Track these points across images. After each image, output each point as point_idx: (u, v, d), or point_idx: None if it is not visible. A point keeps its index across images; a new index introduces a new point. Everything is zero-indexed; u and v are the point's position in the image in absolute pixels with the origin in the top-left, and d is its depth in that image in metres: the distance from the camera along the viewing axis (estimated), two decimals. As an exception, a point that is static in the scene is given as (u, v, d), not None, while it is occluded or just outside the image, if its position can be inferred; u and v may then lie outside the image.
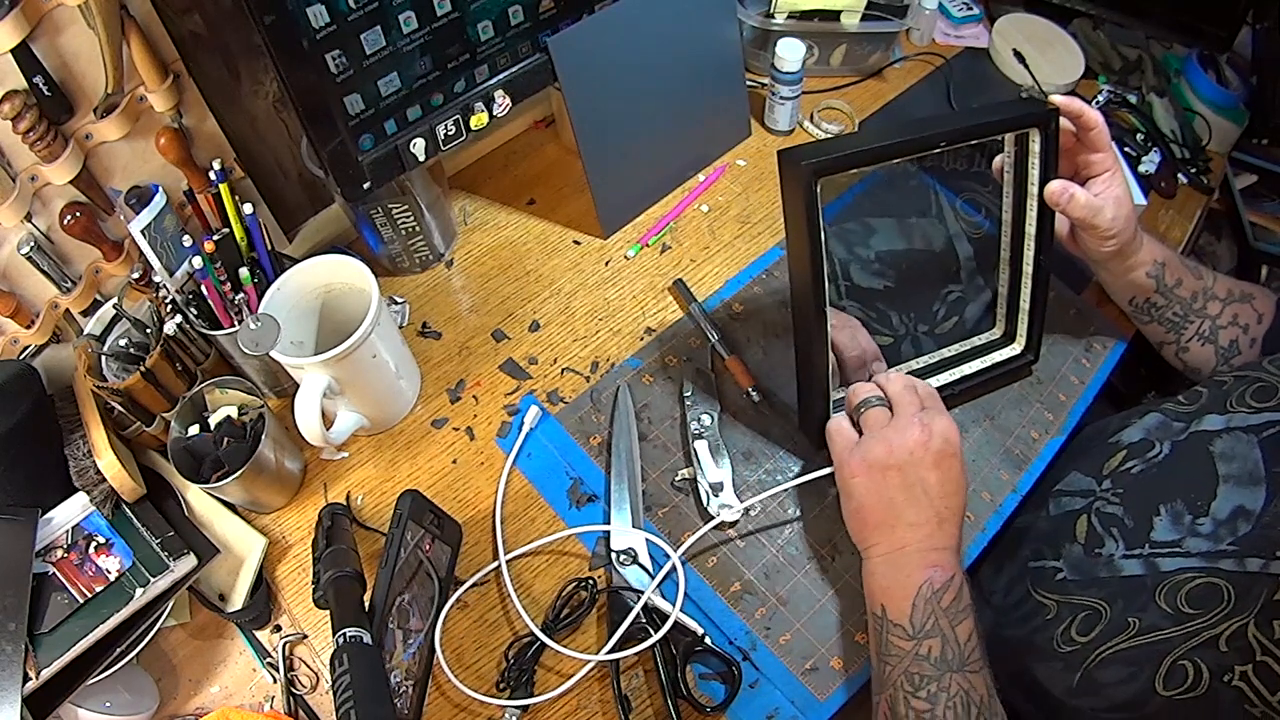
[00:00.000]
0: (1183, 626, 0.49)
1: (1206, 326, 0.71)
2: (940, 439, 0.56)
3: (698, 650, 0.59)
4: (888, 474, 0.56)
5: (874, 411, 0.59)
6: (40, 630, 0.55)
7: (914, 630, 0.52)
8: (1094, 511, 0.60)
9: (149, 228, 0.61)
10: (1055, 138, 0.63)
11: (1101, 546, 0.57)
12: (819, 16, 0.94)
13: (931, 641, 0.51)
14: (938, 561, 0.54)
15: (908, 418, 0.57)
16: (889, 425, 0.58)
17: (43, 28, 0.55)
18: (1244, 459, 0.54)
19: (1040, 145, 0.63)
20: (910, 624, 0.53)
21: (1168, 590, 0.52)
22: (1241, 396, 0.58)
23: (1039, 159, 0.64)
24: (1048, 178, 0.64)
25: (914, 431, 0.56)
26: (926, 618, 0.52)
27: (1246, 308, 0.71)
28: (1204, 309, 0.71)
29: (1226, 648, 0.47)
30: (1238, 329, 0.71)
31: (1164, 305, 0.71)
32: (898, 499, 0.56)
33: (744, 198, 0.88)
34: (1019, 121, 0.63)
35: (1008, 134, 0.65)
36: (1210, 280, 0.71)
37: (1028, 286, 0.70)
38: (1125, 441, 0.63)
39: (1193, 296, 0.71)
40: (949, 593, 0.53)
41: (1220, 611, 0.48)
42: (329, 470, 0.70)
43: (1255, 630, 0.46)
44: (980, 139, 0.63)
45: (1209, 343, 0.71)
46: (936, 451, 0.56)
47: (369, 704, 0.49)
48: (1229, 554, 0.50)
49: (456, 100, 0.68)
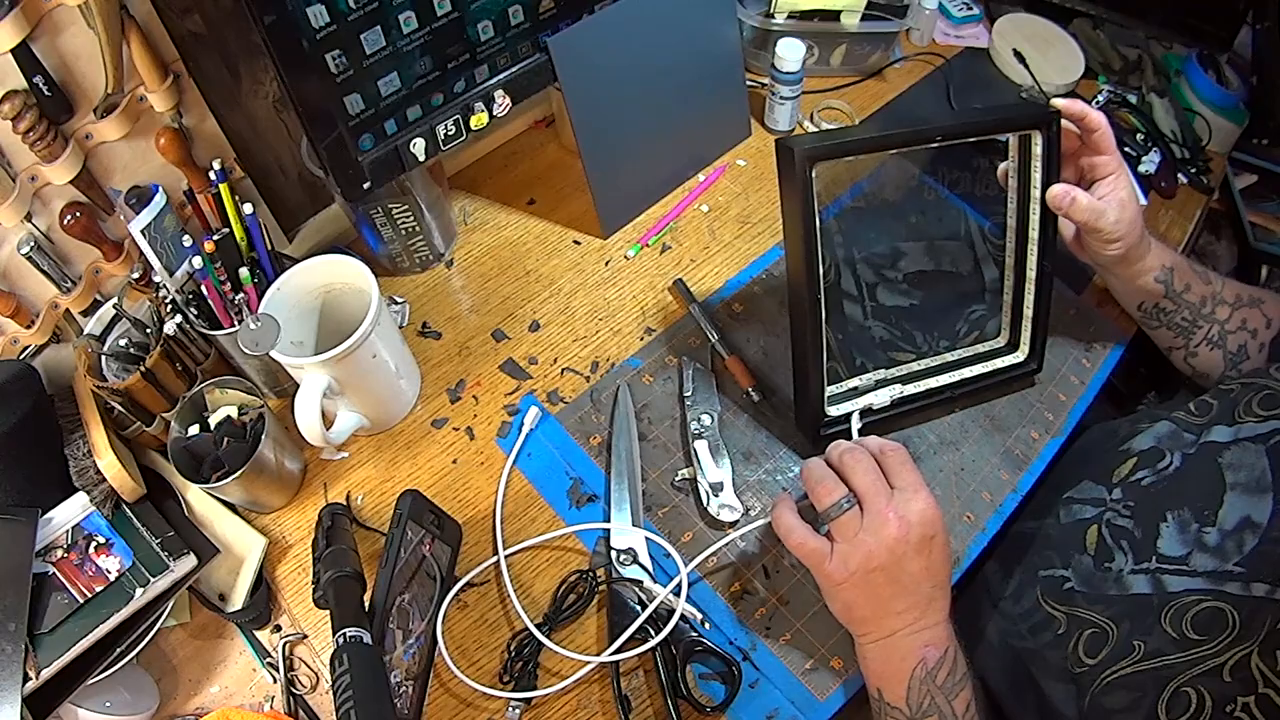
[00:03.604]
0: (1187, 653, 0.49)
1: (1215, 331, 0.71)
2: (919, 527, 0.52)
3: (698, 650, 0.59)
4: (871, 576, 0.53)
5: (844, 520, 0.54)
6: (40, 630, 0.55)
7: (911, 711, 0.52)
8: (1105, 523, 0.60)
9: (149, 228, 0.61)
10: (1057, 140, 0.63)
11: (1111, 560, 0.57)
12: (819, 16, 0.94)
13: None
14: (930, 640, 0.53)
15: (881, 515, 0.53)
16: (863, 529, 0.53)
17: (43, 28, 0.54)
18: (1251, 468, 0.54)
19: (1042, 148, 0.63)
20: (907, 706, 0.52)
21: (1174, 613, 0.51)
22: (1249, 405, 0.57)
23: (1041, 162, 0.64)
24: (1050, 181, 0.64)
25: (890, 529, 0.52)
26: (923, 698, 0.52)
27: (1255, 312, 0.71)
28: (1213, 314, 0.70)
29: (1230, 678, 0.47)
30: (1246, 334, 0.70)
31: (1173, 310, 0.71)
32: (884, 594, 0.53)
33: (744, 198, 0.88)
34: (1019, 122, 0.63)
35: (1011, 138, 0.65)
36: (1219, 285, 0.71)
37: (1031, 292, 0.69)
38: (1136, 449, 0.63)
39: (1201, 301, 0.70)
40: (943, 669, 0.52)
41: (1225, 638, 0.48)
42: (329, 470, 0.70)
43: (1258, 660, 0.46)
44: (978, 137, 0.62)
45: (1217, 347, 0.71)
46: (917, 541, 0.52)
47: (369, 704, 0.49)
48: (1235, 576, 0.50)
49: (456, 100, 0.68)
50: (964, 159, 0.87)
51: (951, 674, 0.52)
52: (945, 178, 0.87)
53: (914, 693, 0.52)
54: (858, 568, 0.53)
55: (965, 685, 0.52)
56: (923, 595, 0.53)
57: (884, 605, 0.54)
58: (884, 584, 0.53)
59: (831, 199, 0.84)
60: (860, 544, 0.53)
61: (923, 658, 0.52)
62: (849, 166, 0.85)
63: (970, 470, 0.70)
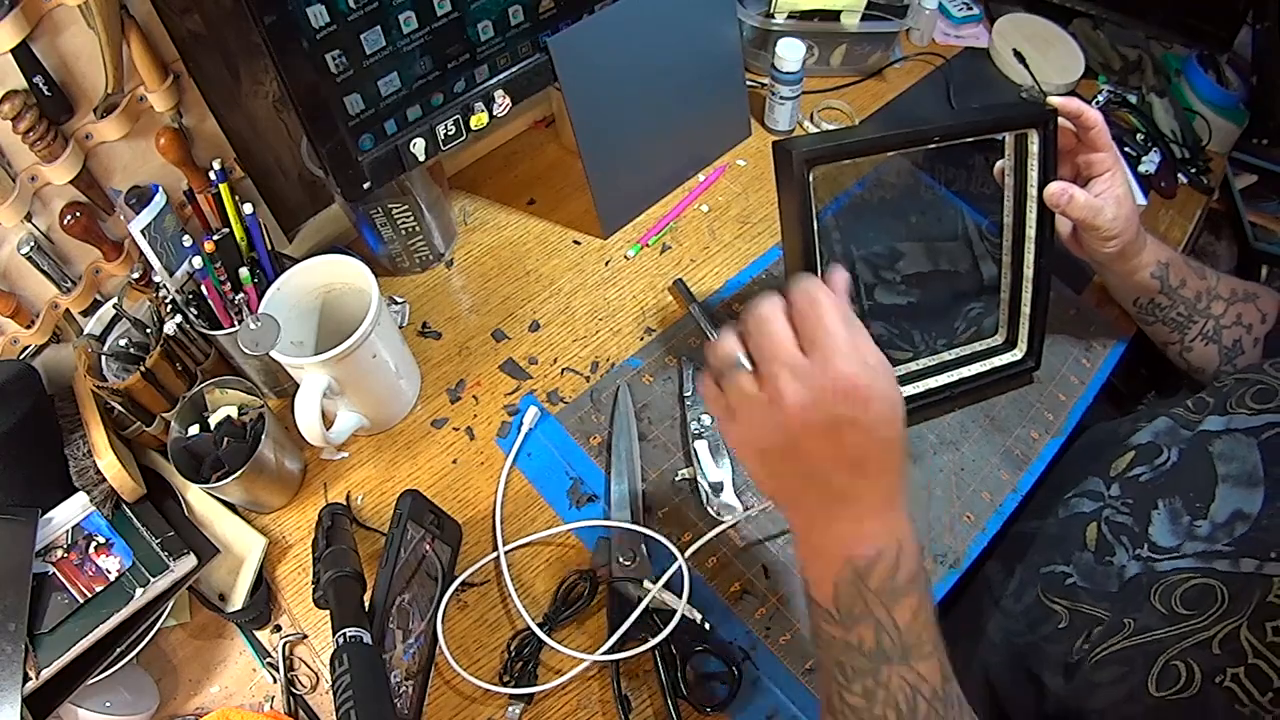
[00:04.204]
0: (1176, 627, 0.49)
1: (1210, 326, 0.71)
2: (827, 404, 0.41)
3: (698, 650, 0.59)
4: (767, 457, 0.45)
5: (735, 386, 0.45)
6: (40, 630, 0.55)
7: (840, 616, 0.44)
8: (1104, 520, 0.60)
9: (149, 228, 0.61)
10: (1053, 139, 0.63)
11: (1112, 555, 0.57)
12: (819, 16, 0.94)
13: (863, 629, 0.43)
14: (860, 538, 0.43)
15: (774, 388, 0.43)
16: (754, 402, 0.44)
17: (43, 28, 0.55)
18: (1243, 460, 0.54)
19: (1039, 147, 0.63)
20: (836, 610, 0.44)
21: (1163, 590, 0.52)
22: (1242, 398, 0.58)
23: (1038, 160, 0.64)
24: (1047, 179, 0.64)
25: (782, 405, 0.42)
26: (854, 601, 0.43)
27: (1250, 307, 0.71)
28: (1208, 309, 0.71)
29: (1219, 650, 0.47)
30: (1241, 329, 0.71)
31: (1168, 306, 0.71)
32: (789, 481, 0.45)
33: (744, 198, 0.88)
34: (1015, 121, 0.63)
35: (1007, 137, 0.65)
36: (1214, 280, 0.71)
37: (1028, 291, 0.70)
38: (1134, 444, 0.63)
39: (1197, 297, 0.70)
40: (878, 572, 0.42)
41: (1214, 612, 0.48)
42: (329, 470, 0.70)
43: (1248, 632, 0.46)
44: (975, 137, 0.62)
45: (1212, 342, 0.71)
46: (823, 421, 0.42)
47: (369, 704, 0.49)
48: (1224, 554, 0.50)
49: (456, 100, 0.68)
50: (961, 157, 0.87)
51: (892, 578, 0.42)
52: (943, 175, 0.87)
53: (842, 596, 0.43)
54: (751, 444, 0.45)
55: (912, 592, 0.43)
56: (835, 487, 0.43)
57: (793, 494, 0.46)
58: (785, 469, 0.45)
59: (830, 198, 0.84)
60: (749, 419, 0.44)
61: (849, 557, 0.43)
62: (847, 167, 0.85)
63: (970, 470, 0.70)
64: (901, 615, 0.43)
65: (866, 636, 0.43)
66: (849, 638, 0.43)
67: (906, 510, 0.44)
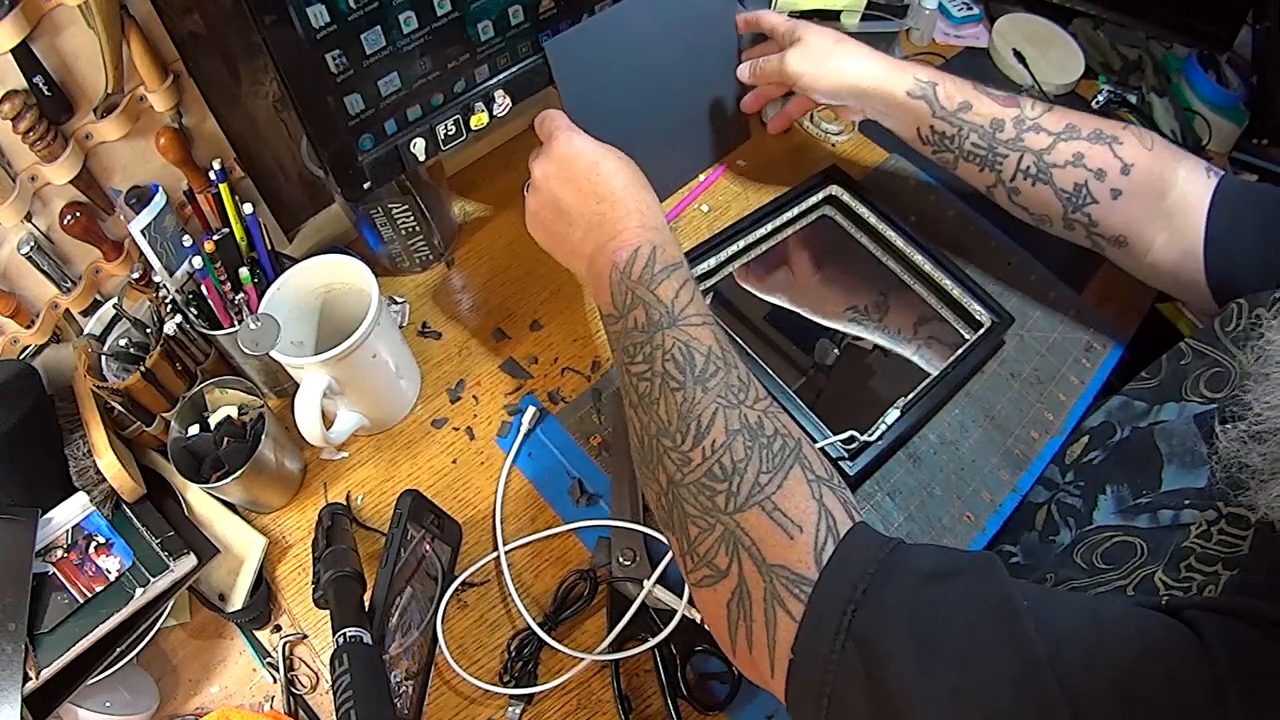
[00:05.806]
0: (1094, 578, 0.51)
1: (1030, 162, 0.65)
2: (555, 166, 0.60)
3: (698, 650, 0.59)
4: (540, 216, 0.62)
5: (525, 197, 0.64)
6: (40, 630, 0.55)
7: (619, 310, 0.53)
8: (1054, 502, 0.61)
9: (149, 228, 0.61)
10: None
11: (1056, 534, 0.58)
12: (819, 17, 0.94)
13: (635, 312, 0.52)
14: (622, 243, 0.54)
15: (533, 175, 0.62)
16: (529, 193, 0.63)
17: (43, 28, 0.54)
18: (1183, 436, 0.54)
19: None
20: (615, 309, 0.53)
21: (1085, 549, 0.53)
22: (1196, 384, 0.56)
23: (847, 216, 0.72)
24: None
25: (536, 179, 0.61)
26: (624, 294, 0.53)
27: (1101, 150, 0.63)
28: (1019, 140, 0.65)
29: (1134, 592, 0.48)
30: (1085, 171, 0.64)
31: (954, 133, 0.67)
32: (560, 229, 0.59)
33: (744, 198, 0.88)
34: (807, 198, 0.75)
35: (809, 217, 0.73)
36: (1033, 109, 0.66)
37: (945, 281, 0.74)
38: (1087, 426, 0.63)
39: (993, 124, 0.65)
40: (636, 264, 0.53)
41: (1132, 564, 0.49)
42: (329, 470, 0.70)
43: (1162, 574, 0.47)
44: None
45: (1041, 182, 0.65)
46: (560, 177, 0.59)
47: (369, 704, 0.49)
48: (1143, 509, 0.51)
49: (456, 100, 0.68)
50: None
51: (648, 267, 0.53)
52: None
53: (616, 294, 0.53)
54: (532, 219, 0.63)
55: (673, 275, 0.52)
56: (589, 214, 0.57)
57: (569, 242, 0.59)
58: (555, 223, 0.60)
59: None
60: (528, 207, 0.63)
61: (614, 263, 0.54)
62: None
63: (970, 470, 0.70)
64: (665, 293, 0.52)
65: (639, 316, 0.52)
66: (627, 324, 0.52)
67: (664, 229, 0.56)
